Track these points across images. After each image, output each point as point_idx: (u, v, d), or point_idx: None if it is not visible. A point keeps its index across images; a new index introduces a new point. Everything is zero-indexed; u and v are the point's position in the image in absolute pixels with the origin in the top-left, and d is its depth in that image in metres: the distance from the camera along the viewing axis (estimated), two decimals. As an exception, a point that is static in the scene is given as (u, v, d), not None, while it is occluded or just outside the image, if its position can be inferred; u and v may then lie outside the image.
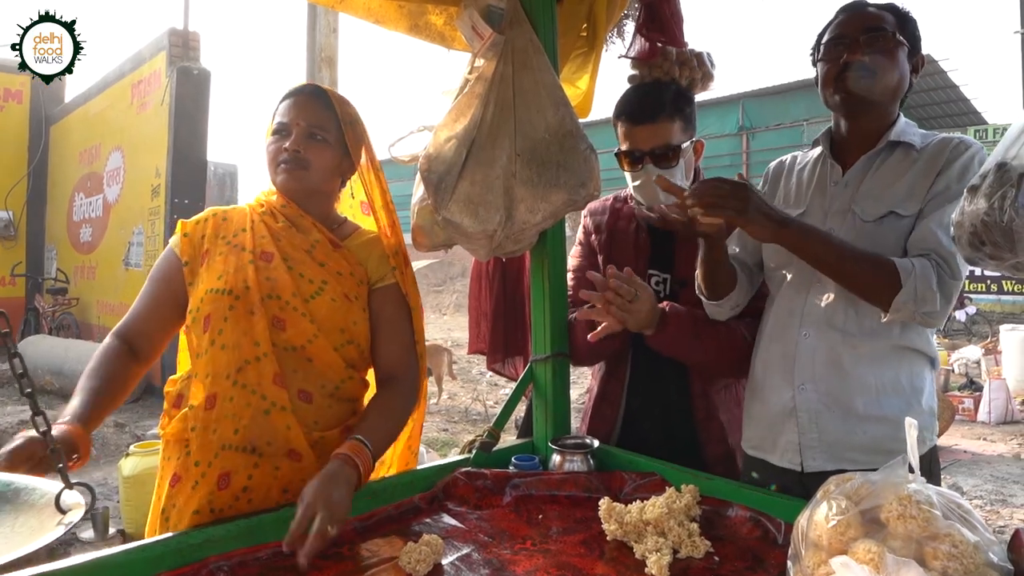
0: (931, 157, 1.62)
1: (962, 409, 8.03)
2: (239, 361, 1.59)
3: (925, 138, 1.68)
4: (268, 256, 1.67)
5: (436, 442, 7.00)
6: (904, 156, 1.66)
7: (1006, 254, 1.12)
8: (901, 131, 1.68)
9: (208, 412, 1.58)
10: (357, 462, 1.47)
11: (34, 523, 1.21)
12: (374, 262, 1.77)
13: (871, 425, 1.61)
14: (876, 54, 1.60)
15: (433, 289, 22.67)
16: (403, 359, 1.75)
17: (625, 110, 2.01)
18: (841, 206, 1.69)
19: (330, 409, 1.67)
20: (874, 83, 1.61)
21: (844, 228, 1.65)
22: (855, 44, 1.62)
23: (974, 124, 19.55)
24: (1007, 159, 1.12)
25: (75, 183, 11.43)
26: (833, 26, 1.69)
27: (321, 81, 7.26)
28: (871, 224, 1.62)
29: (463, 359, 11.35)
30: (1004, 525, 4.89)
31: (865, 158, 1.69)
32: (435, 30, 2.24)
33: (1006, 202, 1.09)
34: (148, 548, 1.38)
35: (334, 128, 1.73)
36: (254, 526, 1.48)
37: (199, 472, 1.56)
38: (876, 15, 1.65)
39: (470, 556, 1.46)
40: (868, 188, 1.67)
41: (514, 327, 2.52)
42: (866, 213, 1.64)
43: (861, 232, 1.62)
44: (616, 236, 2.12)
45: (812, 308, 1.68)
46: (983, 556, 1.03)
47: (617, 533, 1.50)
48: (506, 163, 1.89)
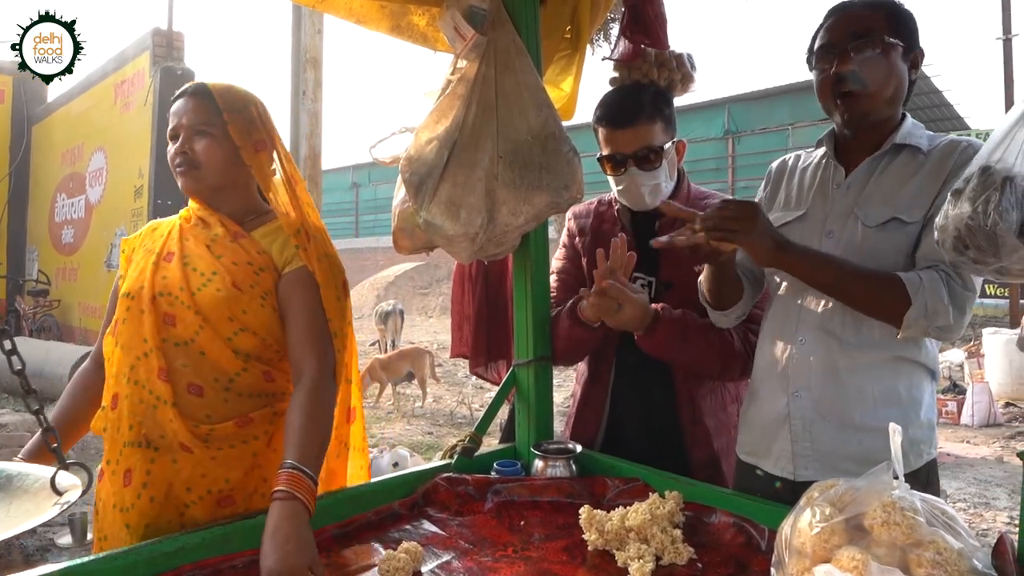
0: (938, 161, 1.55)
1: (945, 412, 8.07)
2: (132, 359, 1.61)
3: (933, 140, 1.61)
4: (169, 256, 1.68)
5: (421, 445, 6.97)
6: (910, 159, 1.59)
7: (990, 258, 1.11)
8: (907, 133, 1.61)
9: (113, 411, 1.63)
10: (296, 494, 1.40)
11: (30, 506, 1.20)
12: (278, 246, 1.71)
13: (866, 436, 1.55)
14: (866, 62, 1.54)
15: (419, 292, 22.63)
16: (305, 345, 1.64)
17: (605, 114, 1.99)
18: (843, 209, 1.63)
19: (225, 403, 1.63)
20: (868, 93, 1.56)
21: (846, 232, 1.61)
22: (844, 54, 1.55)
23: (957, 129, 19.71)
24: (991, 163, 1.12)
25: (57, 183, 11.35)
26: (823, 31, 1.63)
27: (306, 82, 7.24)
28: (874, 229, 1.57)
29: (448, 362, 11.34)
30: (987, 528, 4.91)
31: (869, 161, 1.63)
32: (417, 31, 2.22)
33: (990, 206, 1.08)
34: (120, 557, 1.35)
35: (220, 121, 1.69)
36: (229, 534, 1.46)
37: (110, 470, 1.62)
38: (864, 17, 1.57)
39: (450, 563, 1.44)
40: (872, 192, 1.61)
41: (497, 331, 2.50)
42: (869, 218, 1.58)
43: (863, 237, 1.57)
44: (600, 239, 2.10)
45: (808, 313, 1.64)
46: (967, 563, 1.03)
47: (598, 543, 1.48)
48: (488, 165, 1.87)
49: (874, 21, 1.56)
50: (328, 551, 1.49)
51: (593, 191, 2.07)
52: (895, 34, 1.56)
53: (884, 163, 1.62)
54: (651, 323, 1.84)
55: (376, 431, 7.78)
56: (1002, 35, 14.62)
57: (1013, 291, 13.54)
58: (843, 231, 1.61)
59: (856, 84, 1.55)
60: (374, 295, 21.80)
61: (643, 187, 1.96)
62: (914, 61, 1.61)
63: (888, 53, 1.55)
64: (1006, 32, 14.58)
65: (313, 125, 7.41)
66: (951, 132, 17.66)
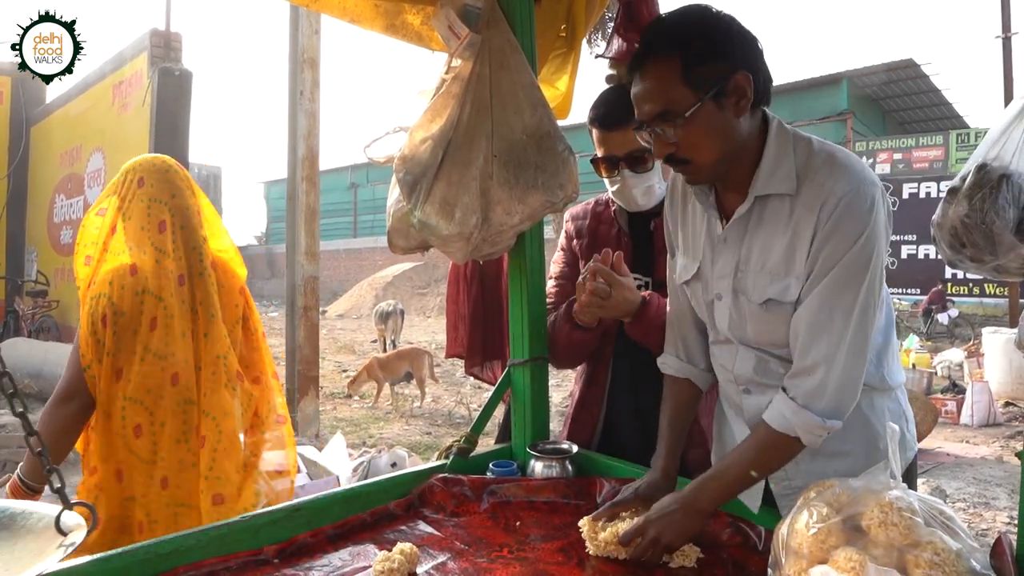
0: (805, 210, 1.38)
1: (945, 412, 8.07)
2: None
3: (804, 169, 1.40)
4: None
5: (419, 446, 6.97)
6: (779, 207, 1.43)
7: (986, 256, 1.11)
8: (767, 179, 1.42)
9: None
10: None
11: (34, 547, 1.17)
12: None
13: (837, 462, 1.51)
14: (677, 143, 1.37)
15: (418, 292, 22.65)
16: None
17: (597, 116, 1.97)
18: (725, 270, 1.52)
19: None
20: (695, 163, 1.40)
21: (734, 301, 1.51)
22: (655, 140, 1.40)
23: (956, 128, 19.76)
24: (987, 160, 1.11)
25: (56, 184, 11.32)
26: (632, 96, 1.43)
27: (304, 83, 7.22)
28: (756, 307, 1.47)
29: (446, 362, 11.33)
30: (987, 528, 4.91)
31: (735, 221, 1.48)
32: (412, 30, 2.21)
33: (986, 204, 1.08)
34: (116, 558, 1.35)
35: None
36: (224, 534, 1.46)
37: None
38: (658, 89, 1.36)
39: (446, 565, 1.44)
40: (748, 254, 1.48)
41: (492, 330, 2.50)
42: (749, 293, 1.47)
43: (749, 311, 1.49)
44: (597, 240, 2.10)
45: (742, 372, 1.57)
46: (965, 564, 1.02)
47: (600, 548, 1.46)
48: (483, 164, 1.86)
49: (668, 94, 1.35)
50: (323, 552, 1.48)
51: (588, 190, 2.07)
52: (696, 93, 1.33)
53: (753, 220, 1.47)
54: (640, 307, 1.82)
55: (374, 431, 7.78)
56: (1001, 33, 14.63)
57: (1012, 290, 13.56)
58: (728, 298, 1.52)
59: (678, 161, 1.41)
60: (372, 295, 21.83)
61: (635, 189, 1.95)
62: (736, 91, 1.35)
63: (695, 119, 1.34)
64: (1005, 30, 14.59)
65: (311, 125, 7.40)
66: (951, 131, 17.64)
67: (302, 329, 7.31)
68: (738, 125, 1.38)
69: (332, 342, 15.13)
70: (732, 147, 1.40)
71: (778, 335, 1.46)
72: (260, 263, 32.29)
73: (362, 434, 7.58)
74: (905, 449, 1.59)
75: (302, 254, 7.29)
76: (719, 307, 1.55)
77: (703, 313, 1.62)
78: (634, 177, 1.93)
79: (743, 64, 1.35)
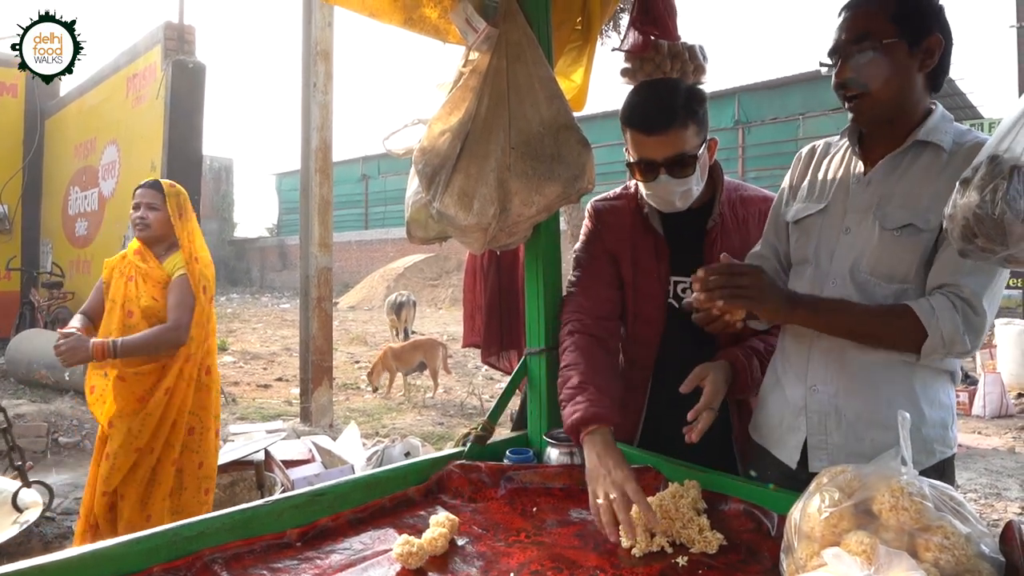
0: (962, 163, 1.39)
1: (957, 403, 8.02)
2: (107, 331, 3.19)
3: (961, 136, 1.54)
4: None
5: (432, 436, 7.00)
6: (933, 158, 1.53)
7: (998, 247, 1.12)
8: (931, 129, 1.55)
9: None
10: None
11: None
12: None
13: (878, 432, 1.55)
14: (864, 67, 1.50)
15: (429, 283, 22.66)
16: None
17: (634, 118, 1.83)
18: (862, 206, 1.60)
19: None
20: (871, 94, 1.52)
21: (863, 231, 1.58)
22: (843, 59, 1.53)
23: (970, 118, 19.55)
24: (999, 152, 1.13)
25: (70, 177, 11.38)
26: (833, 30, 1.58)
27: (317, 75, 7.26)
28: (890, 233, 1.54)
29: (458, 353, 11.36)
30: (999, 519, 4.90)
31: (890, 158, 1.58)
32: (430, 23, 2.24)
33: (997, 195, 1.09)
34: (142, 541, 1.37)
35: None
36: (249, 518, 1.48)
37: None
38: (865, 16, 1.52)
39: (464, 548, 1.47)
40: (891, 191, 1.56)
41: (509, 320, 2.52)
42: (887, 220, 1.54)
43: (879, 239, 1.55)
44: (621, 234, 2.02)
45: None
46: (975, 548, 1.04)
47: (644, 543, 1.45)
48: (500, 156, 1.88)
49: (874, 22, 1.51)
50: (345, 536, 1.51)
51: (604, 181, 2.07)
52: (898, 30, 1.50)
53: (906, 161, 1.57)
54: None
55: (387, 421, 7.82)
56: (1016, 23, 14.48)
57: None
58: (860, 229, 1.59)
59: (857, 87, 1.53)
60: (384, 286, 21.85)
61: (674, 194, 1.86)
62: (928, 50, 1.51)
63: (888, 53, 1.50)
64: (1020, 20, 14.43)
65: (324, 117, 7.43)
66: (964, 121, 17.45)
67: (316, 320, 7.36)
68: (917, 80, 1.54)
69: (344, 333, 15.17)
70: (904, 97, 1.54)
71: (900, 266, 1.54)
72: (272, 255, 32.36)
73: (375, 424, 7.62)
74: (944, 445, 1.60)
75: (316, 245, 7.33)
76: (843, 241, 1.62)
77: (810, 251, 1.69)
78: (673, 182, 1.83)
79: (941, 31, 1.51)
